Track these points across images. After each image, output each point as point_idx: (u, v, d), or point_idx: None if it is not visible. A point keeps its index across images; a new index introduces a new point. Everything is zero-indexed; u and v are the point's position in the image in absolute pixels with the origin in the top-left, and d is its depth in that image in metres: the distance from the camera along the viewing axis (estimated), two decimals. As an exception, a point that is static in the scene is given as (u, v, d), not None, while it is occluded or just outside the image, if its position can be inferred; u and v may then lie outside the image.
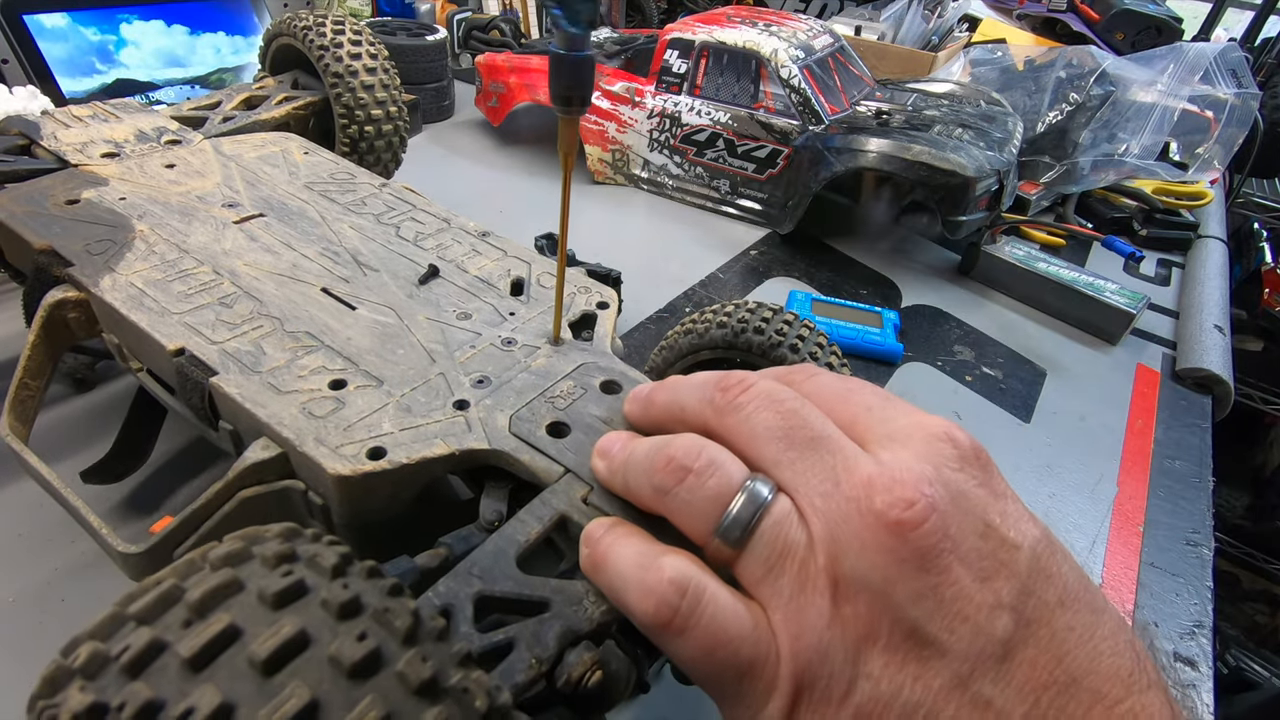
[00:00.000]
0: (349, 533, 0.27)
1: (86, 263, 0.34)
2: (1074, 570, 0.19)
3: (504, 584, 0.22)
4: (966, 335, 0.70)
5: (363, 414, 0.28)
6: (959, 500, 0.18)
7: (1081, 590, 0.18)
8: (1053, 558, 0.18)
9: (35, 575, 0.37)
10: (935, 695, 0.17)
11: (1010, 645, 0.17)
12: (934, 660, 0.17)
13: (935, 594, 0.17)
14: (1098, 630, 0.18)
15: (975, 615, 0.17)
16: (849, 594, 0.18)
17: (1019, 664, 0.17)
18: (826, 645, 0.18)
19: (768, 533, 0.19)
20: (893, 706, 0.17)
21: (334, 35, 0.53)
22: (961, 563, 0.18)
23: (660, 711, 0.36)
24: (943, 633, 0.17)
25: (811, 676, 0.18)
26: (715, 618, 0.19)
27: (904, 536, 0.17)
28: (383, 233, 0.40)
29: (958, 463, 0.19)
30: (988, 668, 0.17)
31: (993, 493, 0.19)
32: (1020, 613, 0.17)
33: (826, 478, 0.19)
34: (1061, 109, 0.92)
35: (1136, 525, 0.52)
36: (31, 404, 0.34)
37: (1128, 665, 0.17)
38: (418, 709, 0.14)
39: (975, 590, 0.17)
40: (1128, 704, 0.17)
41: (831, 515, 0.19)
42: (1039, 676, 0.17)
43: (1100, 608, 0.18)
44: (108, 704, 0.14)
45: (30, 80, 0.71)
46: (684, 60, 0.80)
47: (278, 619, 0.15)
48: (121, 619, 0.16)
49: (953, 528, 0.18)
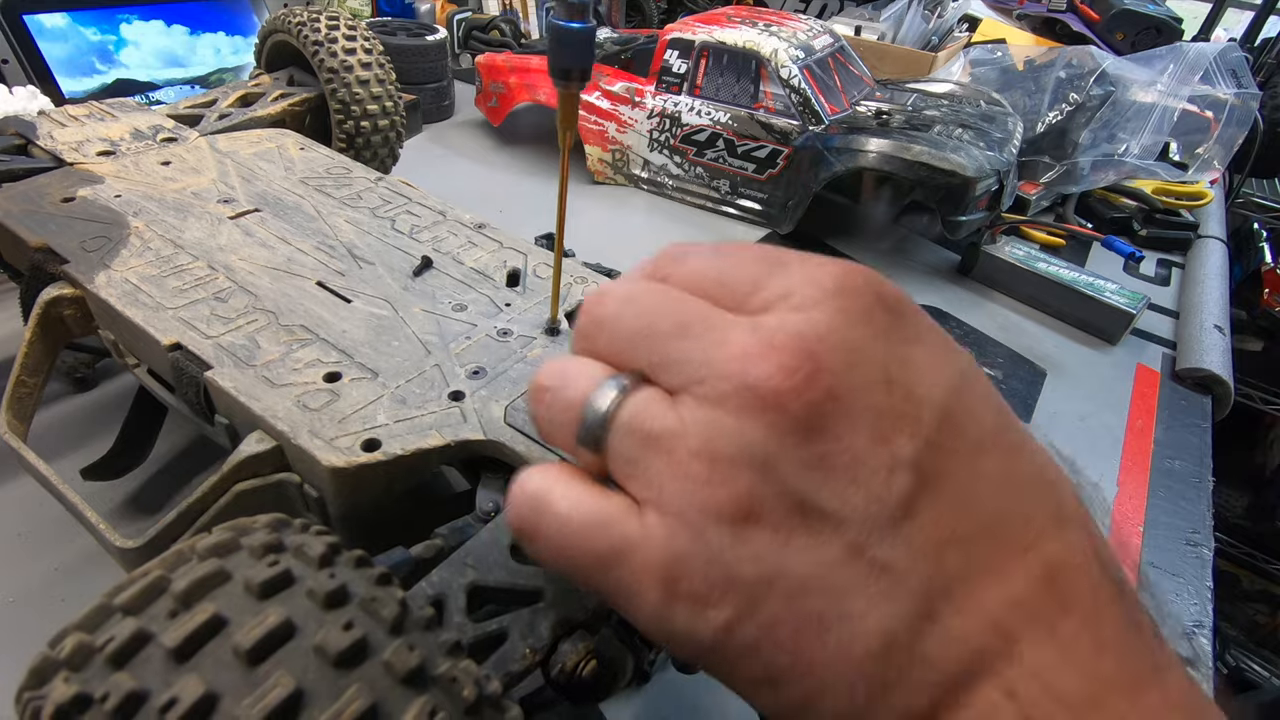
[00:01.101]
0: (345, 525, 0.27)
1: (82, 259, 0.34)
2: (993, 409, 0.17)
3: (498, 574, 0.22)
4: (966, 335, 0.70)
5: (357, 406, 0.27)
6: (853, 356, 0.17)
7: (999, 431, 0.17)
8: (969, 401, 0.17)
9: (35, 574, 0.37)
10: (828, 567, 0.16)
11: (910, 505, 0.16)
12: (825, 532, 0.16)
13: (824, 463, 0.16)
14: (1014, 473, 0.17)
15: (870, 479, 0.16)
16: (728, 475, 0.16)
17: (920, 523, 0.16)
18: (701, 529, 0.17)
19: (624, 426, 0.18)
20: (782, 585, 0.16)
21: (328, 31, 0.53)
22: (854, 425, 0.16)
23: (660, 711, 0.36)
24: (833, 501, 0.16)
25: (686, 565, 0.17)
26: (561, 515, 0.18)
27: (784, 406, 0.16)
28: (378, 226, 0.40)
29: (855, 314, 0.17)
30: (885, 531, 0.16)
31: (900, 340, 0.17)
32: (922, 469, 0.16)
33: (698, 359, 0.17)
34: (1061, 109, 0.92)
35: (1136, 525, 0.51)
36: (29, 401, 0.34)
37: (1047, 506, 0.16)
38: (404, 698, 0.14)
39: (870, 453, 0.16)
40: (1043, 547, 0.16)
41: (706, 395, 0.17)
42: (943, 532, 0.16)
43: (1018, 446, 0.17)
44: (92, 695, 0.14)
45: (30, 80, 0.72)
46: (684, 60, 0.80)
47: (263, 609, 0.15)
48: (108, 610, 0.16)
49: (843, 389, 0.16)
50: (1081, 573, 0.16)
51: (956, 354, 0.18)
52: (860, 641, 0.16)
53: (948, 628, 0.15)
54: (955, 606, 0.15)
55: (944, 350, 0.18)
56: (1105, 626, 0.15)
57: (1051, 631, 0.15)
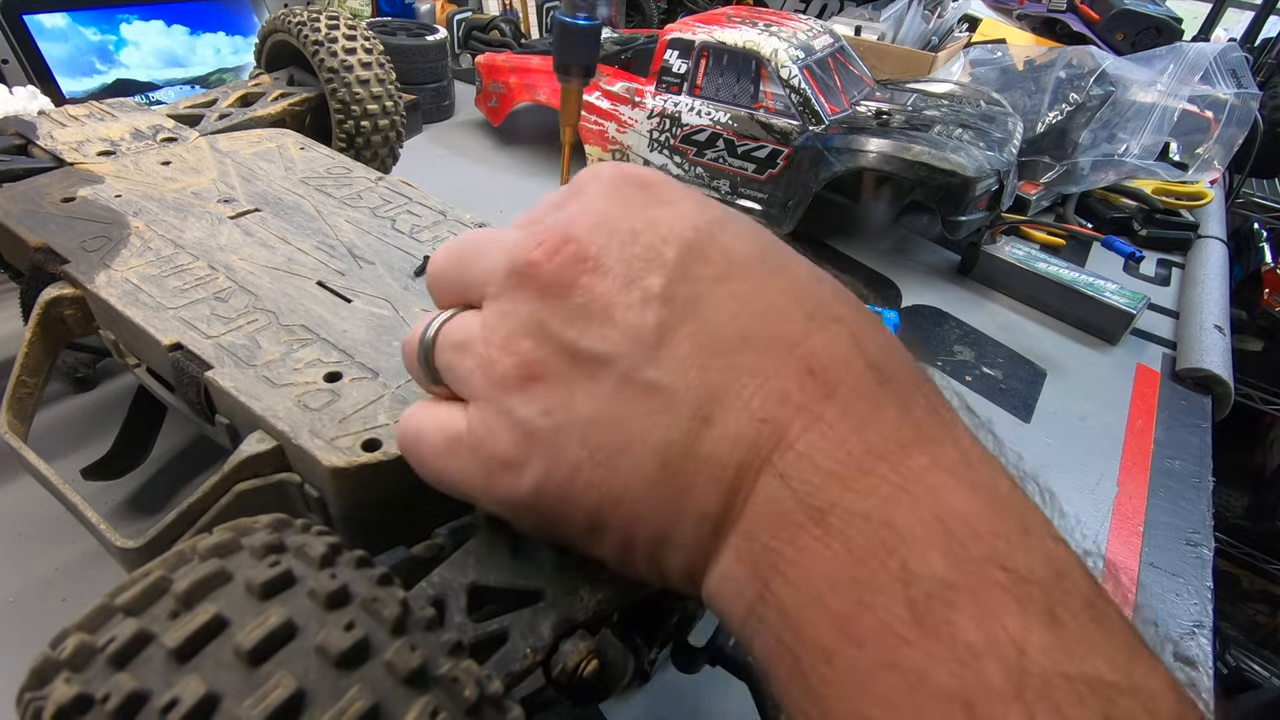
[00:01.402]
0: (346, 525, 0.27)
1: (82, 259, 0.34)
2: (749, 244, 0.19)
3: (498, 574, 0.22)
4: (966, 335, 0.70)
5: (358, 406, 0.27)
6: (602, 224, 0.19)
7: (754, 260, 0.19)
8: (721, 238, 0.19)
9: (35, 574, 0.37)
10: (608, 400, 0.18)
11: (665, 329, 0.17)
12: (599, 371, 0.18)
13: (584, 312, 0.18)
14: (770, 290, 0.18)
15: (625, 315, 0.18)
16: (511, 347, 0.19)
17: (679, 341, 0.17)
18: (500, 401, 0.19)
19: (441, 345, 0.21)
20: (573, 429, 0.18)
21: (328, 30, 0.53)
22: (606, 276, 0.18)
23: (660, 711, 0.36)
24: (599, 343, 0.18)
25: (493, 436, 0.19)
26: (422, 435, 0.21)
27: (541, 274, 0.18)
28: (378, 226, 0.40)
29: (602, 193, 0.20)
30: (647, 356, 0.17)
31: (647, 204, 0.19)
32: (672, 298, 0.18)
33: (489, 267, 0.20)
34: (1061, 109, 0.92)
35: (1136, 525, 0.51)
36: (30, 401, 0.34)
37: (805, 311, 0.18)
38: (406, 698, 0.14)
39: (622, 294, 0.18)
40: (803, 346, 0.17)
41: (493, 294, 0.20)
42: (702, 347, 0.17)
43: (777, 268, 0.19)
44: (93, 695, 0.14)
45: (30, 80, 0.71)
46: (684, 60, 0.80)
47: (264, 609, 0.15)
48: (109, 610, 0.16)
49: (594, 248, 0.18)
50: (842, 364, 0.17)
51: (708, 208, 0.20)
52: (648, 459, 0.17)
53: (723, 429, 0.17)
54: (725, 408, 0.17)
55: (693, 206, 0.20)
56: (866, 407, 0.16)
57: (816, 418, 0.16)
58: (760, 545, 0.16)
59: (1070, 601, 0.14)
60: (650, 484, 0.17)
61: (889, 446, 0.16)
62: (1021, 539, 0.15)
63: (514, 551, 0.23)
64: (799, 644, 0.15)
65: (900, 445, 0.16)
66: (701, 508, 0.17)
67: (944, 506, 0.15)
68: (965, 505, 0.15)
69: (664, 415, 0.17)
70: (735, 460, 0.17)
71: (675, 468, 0.17)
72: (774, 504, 0.16)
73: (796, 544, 0.15)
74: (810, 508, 0.15)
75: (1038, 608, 0.13)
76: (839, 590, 0.15)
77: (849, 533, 0.15)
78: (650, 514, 0.18)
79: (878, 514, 0.15)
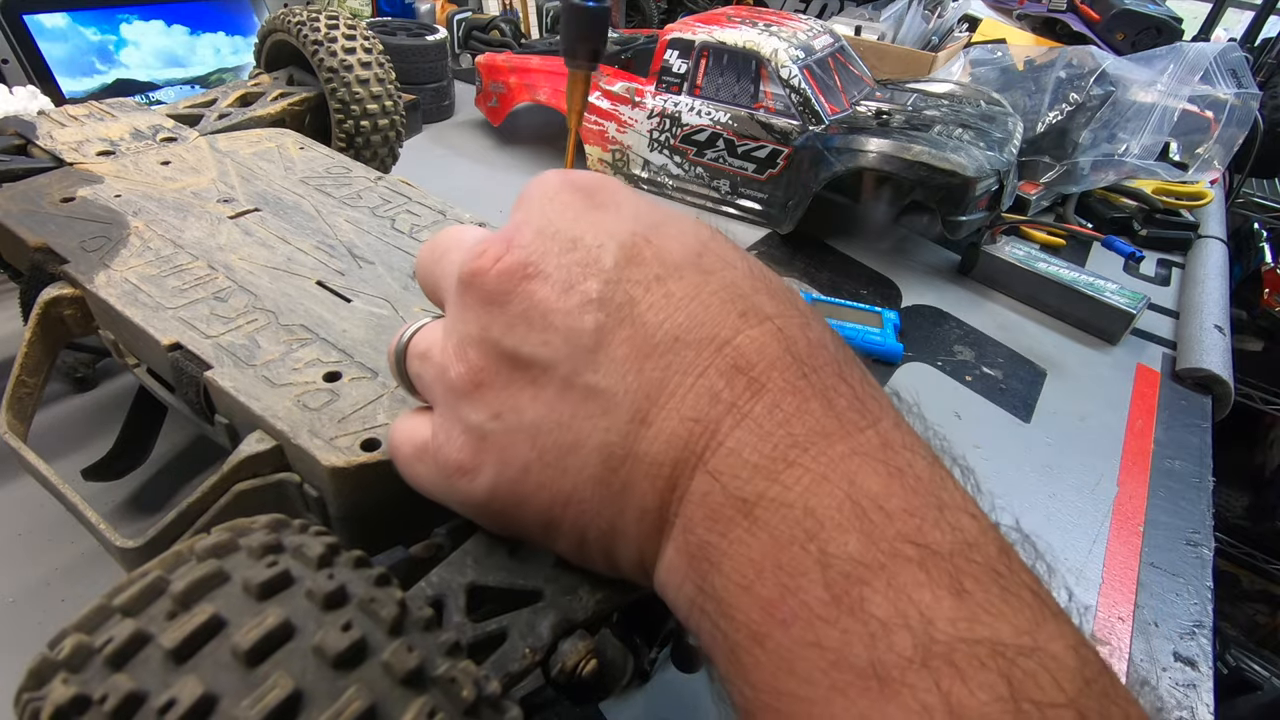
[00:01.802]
0: (345, 525, 0.27)
1: (81, 259, 0.34)
2: (686, 246, 0.19)
3: (497, 574, 0.22)
4: (966, 335, 0.70)
5: (357, 406, 0.27)
6: (543, 231, 0.19)
7: (689, 261, 0.19)
8: (657, 240, 0.19)
9: (35, 574, 0.37)
10: (552, 404, 0.18)
11: (603, 332, 0.18)
12: (541, 376, 0.19)
13: (525, 318, 0.19)
14: (703, 291, 0.18)
15: (564, 321, 0.18)
16: (462, 354, 0.20)
17: (616, 345, 0.18)
18: (453, 408, 0.20)
19: (412, 361, 0.22)
20: (522, 432, 0.19)
21: (328, 30, 0.53)
22: (545, 283, 0.19)
23: (660, 711, 0.36)
24: (540, 349, 0.18)
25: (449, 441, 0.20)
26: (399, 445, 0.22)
27: (484, 283, 0.19)
28: (378, 225, 0.40)
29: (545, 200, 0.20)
30: (587, 361, 0.18)
31: (588, 210, 0.20)
32: (608, 301, 0.18)
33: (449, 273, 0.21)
34: (1061, 109, 0.92)
35: (1136, 525, 0.51)
36: (29, 401, 0.34)
37: (737, 310, 0.18)
38: (403, 699, 0.14)
39: (561, 300, 0.18)
40: (733, 344, 0.17)
41: (450, 302, 0.21)
42: (638, 349, 0.18)
43: (712, 269, 0.19)
44: (90, 696, 0.14)
45: (30, 80, 0.71)
46: (684, 60, 0.80)
47: (262, 610, 0.15)
48: (107, 611, 0.16)
49: (533, 256, 0.19)
50: (769, 361, 0.17)
51: (646, 211, 0.20)
52: (593, 459, 0.18)
53: (659, 429, 0.17)
54: (660, 409, 0.17)
55: (631, 211, 0.20)
56: (792, 401, 0.17)
57: (744, 415, 0.17)
58: (696, 539, 0.17)
59: (977, 572, 0.15)
60: (596, 483, 0.18)
61: (812, 438, 0.16)
62: (934, 515, 0.15)
63: (512, 551, 0.23)
64: (733, 630, 0.16)
65: (823, 435, 0.16)
66: (643, 504, 0.18)
67: (860, 490, 0.15)
68: (881, 487, 0.16)
69: (604, 418, 0.18)
70: (670, 458, 0.17)
71: (617, 467, 0.18)
72: (707, 499, 0.17)
73: (729, 536, 0.16)
74: (739, 500, 0.16)
75: (946, 579, 0.14)
76: (766, 577, 0.15)
77: (774, 522, 0.16)
78: (598, 512, 0.19)
79: (799, 502, 0.16)
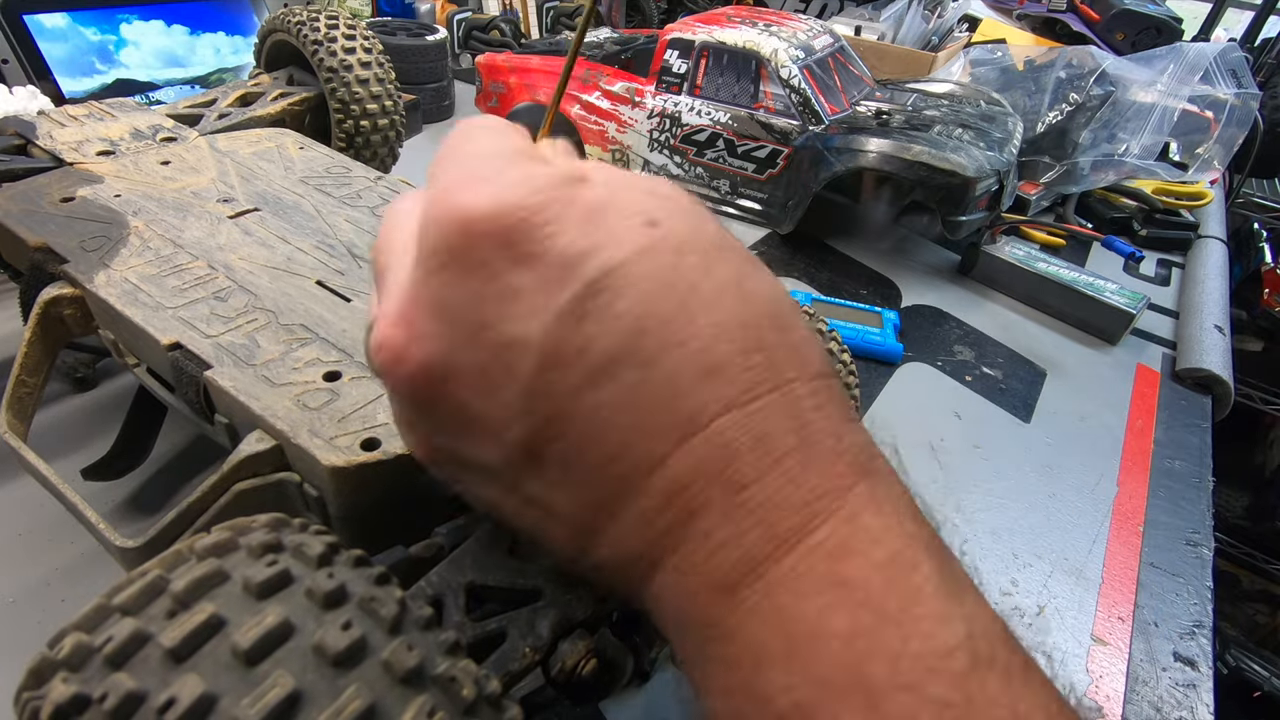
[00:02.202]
0: (345, 524, 0.27)
1: (81, 259, 0.34)
2: (616, 330, 0.15)
3: (497, 573, 0.22)
4: (966, 335, 0.70)
5: (357, 405, 0.27)
6: (442, 315, 0.16)
7: (623, 355, 0.15)
8: (584, 328, 0.15)
9: (35, 575, 0.37)
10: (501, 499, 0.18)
11: (535, 447, 0.16)
12: (484, 484, 0.18)
13: (454, 422, 0.17)
14: (639, 396, 0.15)
15: (493, 433, 0.17)
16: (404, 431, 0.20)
17: (551, 462, 0.17)
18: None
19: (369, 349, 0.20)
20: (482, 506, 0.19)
21: (328, 30, 0.53)
22: (461, 386, 0.17)
23: (660, 711, 0.36)
24: (479, 454, 0.17)
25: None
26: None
27: (397, 387, 0.18)
28: (378, 225, 0.40)
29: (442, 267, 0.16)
30: (526, 473, 0.17)
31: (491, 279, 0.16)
32: (535, 415, 0.16)
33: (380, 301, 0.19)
34: (1061, 109, 0.92)
35: (1136, 525, 0.51)
36: (29, 401, 0.34)
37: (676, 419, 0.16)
38: (403, 698, 0.14)
39: (482, 409, 0.17)
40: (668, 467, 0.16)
41: None
42: (575, 465, 0.16)
43: (650, 362, 0.15)
44: (90, 695, 0.14)
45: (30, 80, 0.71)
46: (684, 60, 0.80)
47: (261, 609, 0.15)
48: (107, 610, 0.16)
49: (438, 353, 0.17)
50: (705, 482, 0.16)
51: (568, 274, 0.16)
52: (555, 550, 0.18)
53: (607, 544, 0.17)
54: (605, 525, 0.17)
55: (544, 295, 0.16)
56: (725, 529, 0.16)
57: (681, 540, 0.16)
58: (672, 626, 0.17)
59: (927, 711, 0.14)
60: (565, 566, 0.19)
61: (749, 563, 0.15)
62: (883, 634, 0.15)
63: (512, 551, 0.23)
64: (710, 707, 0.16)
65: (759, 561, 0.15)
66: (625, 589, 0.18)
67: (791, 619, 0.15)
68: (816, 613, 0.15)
69: (554, 526, 0.18)
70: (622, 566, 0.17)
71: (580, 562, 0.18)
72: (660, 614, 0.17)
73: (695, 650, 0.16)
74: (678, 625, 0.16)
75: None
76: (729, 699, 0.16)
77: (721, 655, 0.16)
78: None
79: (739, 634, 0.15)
